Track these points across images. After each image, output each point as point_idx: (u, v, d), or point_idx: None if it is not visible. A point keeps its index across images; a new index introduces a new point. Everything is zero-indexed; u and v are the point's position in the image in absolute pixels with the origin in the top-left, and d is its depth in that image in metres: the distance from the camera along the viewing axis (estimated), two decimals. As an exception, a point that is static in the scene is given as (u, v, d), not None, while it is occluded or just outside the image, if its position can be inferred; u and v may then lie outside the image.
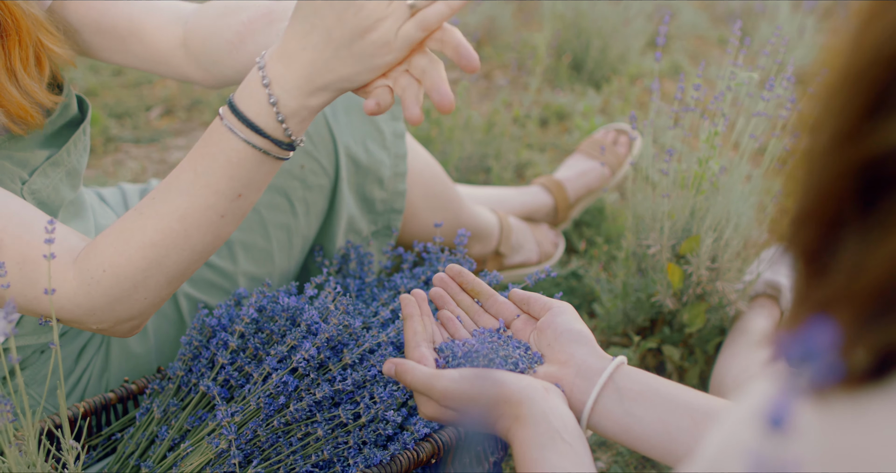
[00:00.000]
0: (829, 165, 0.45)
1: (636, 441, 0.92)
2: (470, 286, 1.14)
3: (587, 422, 0.95)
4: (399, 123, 1.60)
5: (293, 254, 1.51)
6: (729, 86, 1.58)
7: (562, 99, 2.83)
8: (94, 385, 1.39)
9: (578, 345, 0.99)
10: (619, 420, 0.92)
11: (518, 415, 0.90)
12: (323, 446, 1.16)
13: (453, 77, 3.03)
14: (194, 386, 1.24)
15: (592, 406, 0.94)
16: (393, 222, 1.62)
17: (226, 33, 1.25)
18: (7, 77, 1.14)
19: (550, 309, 1.05)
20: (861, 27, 0.45)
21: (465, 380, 0.94)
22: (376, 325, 1.28)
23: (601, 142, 2.16)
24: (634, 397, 0.92)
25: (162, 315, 1.43)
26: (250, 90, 1.00)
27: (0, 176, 1.17)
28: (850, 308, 0.44)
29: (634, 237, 1.71)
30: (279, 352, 1.19)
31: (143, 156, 2.57)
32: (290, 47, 0.97)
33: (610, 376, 0.94)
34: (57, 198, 1.26)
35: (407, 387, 1.00)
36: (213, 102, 2.83)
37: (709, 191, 1.59)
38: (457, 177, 2.34)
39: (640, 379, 0.94)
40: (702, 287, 1.60)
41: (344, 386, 1.16)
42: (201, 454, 1.15)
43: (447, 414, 0.97)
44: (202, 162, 1.03)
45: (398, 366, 0.99)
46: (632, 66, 3.09)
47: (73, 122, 1.32)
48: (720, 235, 1.58)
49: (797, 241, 0.48)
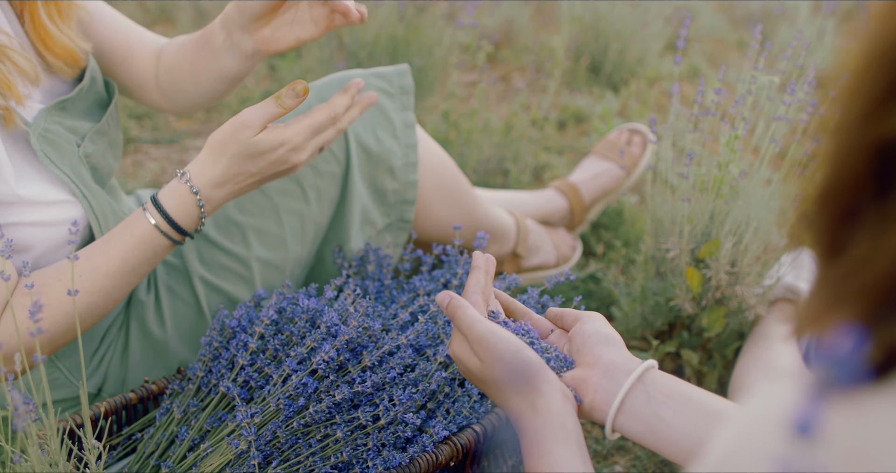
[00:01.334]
0: (847, 145, 0.46)
1: (663, 443, 0.91)
2: (506, 305, 1.14)
3: (613, 423, 0.94)
4: (409, 114, 1.61)
5: (306, 241, 1.52)
6: (749, 90, 1.57)
7: (580, 101, 2.82)
8: (116, 364, 1.41)
9: (605, 347, 0.99)
10: (647, 422, 0.92)
11: (535, 405, 0.91)
12: (342, 448, 1.16)
13: (472, 79, 3.03)
14: (214, 386, 1.25)
15: (619, 406, 0.93)
16: (405, 214, 1.62)
17: (184, 65, 1.45)
18: (50, 22, 1.29)
19: (581, 318, 1.06)
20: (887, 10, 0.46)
21: (502, 340, 0.96)
22: (395, 328, 1.28)
23: (616, 144, 2.15)
24: (664, 400, 0.92)
25: (178, 298, 1.45)
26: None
27: (57, 139, 1.26)
28: (860, 301, 0.44)
29: (653, 240, 1.70)
30: (299, 354, 1.19)
31: (162, 156, 2.59)
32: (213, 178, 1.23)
33: (639, 377, 0.94)
34: (106, 165, 1.38)
35: (452, 321, 1.02)
36: (231, 104, 2.84)
37: (728, 194, 1.58)
38: (475, 180, 2.34)
39: (670, 384, 0.94)
40: (721, 291, 1.60)
41: (363, 388, 1.16)
42: (221, 454, 1.15)
43: (470, 361, 0.99)
44: (132, 255, 1.24)
45: (453, 299, 1.03)
46: (650, 68, 3.08)
47: (103, 103, 1.42)
48: (740, 239, 1.58)
49: (817, 222, 0.49)
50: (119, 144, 1.43)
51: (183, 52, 1.45)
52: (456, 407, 1.20)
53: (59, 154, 1.25)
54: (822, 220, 0.48)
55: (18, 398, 0.87)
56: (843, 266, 0.46)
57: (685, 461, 0.90)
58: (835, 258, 0.47)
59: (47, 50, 1.30)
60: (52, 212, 1.23)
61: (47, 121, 1.26)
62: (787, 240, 1.64)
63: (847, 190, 0.46)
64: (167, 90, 1.50)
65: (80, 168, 1.28)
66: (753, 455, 0.45)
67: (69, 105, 1.31)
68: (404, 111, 1.61)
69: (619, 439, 1.53)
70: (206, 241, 1.46)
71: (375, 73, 1.61)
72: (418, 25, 2.57)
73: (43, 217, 1.22)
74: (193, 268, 1.45)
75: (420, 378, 1.19)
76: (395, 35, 2.54)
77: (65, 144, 1.27)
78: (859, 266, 0.44)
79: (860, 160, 0.46)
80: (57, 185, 1.24)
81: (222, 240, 1.47)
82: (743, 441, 0.47)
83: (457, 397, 1.22)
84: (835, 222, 0.47)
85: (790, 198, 1.68)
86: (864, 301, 0.44)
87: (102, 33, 1.45)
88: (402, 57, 2.52)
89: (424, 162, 1.65)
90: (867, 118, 0.45)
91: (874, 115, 0.45)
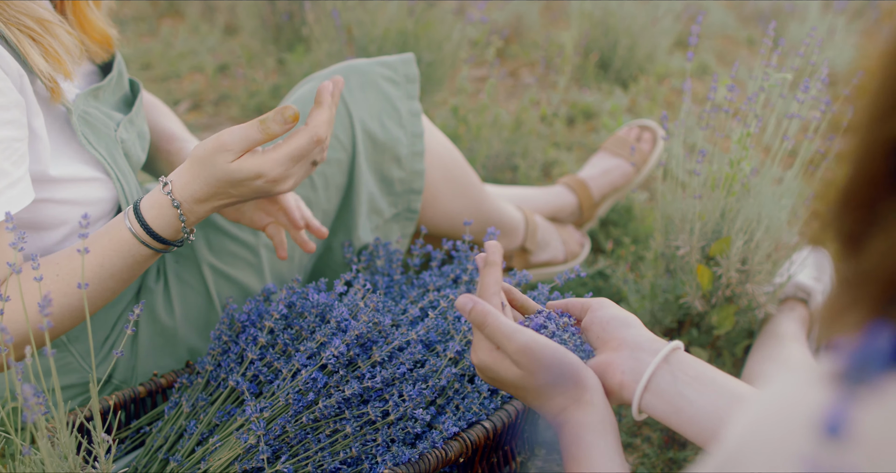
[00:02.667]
0: (865, 143, 0.46)
1: (686, 423, 0.92)
2: (519, 303, 1.13)
3: (640, 403, 0.95)
4: (415, 102, 1.61)
5: None
6: (762, 87, 1.57)
7: (589, 98, 2.81)
8: (126, 353, 1.41)
9: (627, 329, 1.00)
10: (672, 401, 0.93)
11: (580, 399, 0.92)
12: (351, 443, 1.16)
13: (481, 74, 3.02)
14: (223, 380, 1.25)
15: (646, 385, 0.94)
16: (413, 204, 1.62)
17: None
18: (86, 7, 1.30)
19: (590, 307, 1.05)
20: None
21: (548, 347, 0.94)
22: (405, 323, 1.27)
23: (625, 140, 2.14)
24: (688, 381, 0.93)
25: (186, 285, 1.45)
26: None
27: (95, 122, 1.27)
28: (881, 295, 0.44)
29: (663, 238, 1.70)
30: (308, 349, 1.19)
31: (170, 150, 2.58)
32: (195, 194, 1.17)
33: (664, 358, 0.95)
34: (135, 154, 1.37)
35: (479, 328, 0.97)
36: (240, 97, 2.84)
37: (740, 192, 1.58)
38: (484, 176, 2.33)
39: (695, 365, 0.94)
40: (731, 289, 1.59)
41: (373, 384, 1.16)
42: (230, 449, 1.15)
43: (508, 371, 0.96)
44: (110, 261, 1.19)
45: (478, 305, 0.97)
46: (659, 65, 3.07)
47: (127, 100, 1.42)
48: (751, 237, 1.57)
49: (837, 221, 0.48)
50: (146, 138, 1.43)
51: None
52: (465, 403, 1.20)
53: (97, 136, 1.26)
54: (841, 219, 0.48)
55: (29, 390, 0.87)
56: (862, 263, 0.46)
57: (705, 441, 0.91)
58: (854, 256, 0.47)
59: (84, 32, 1.31)
60: (84, 190, 1.24)
61: (86, 104, 1.27)
62: (801, 239, 1.63)
63: (865, 188, 0.46)
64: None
65: (116, 151, 1.30)
66: (769, 443, 0.45)
67: (101, 94, 1.32)
68: (410, 100, 1.61)
69: (626, 437, 1.53)
70: (214, 229, 1.46)
71: (380, 62, 1.61)
72: (428, 20, 2.56)
73: (76, 195, 1.24)
74: (202, 256, 1.45)
75: (430, 373, 1.19)
76: (404, 30, 2.53)
77: (102, 128, 1.29)
78: (878, 260, 0.44)
79: (878, 158, 0.46)
80: (92, 165, 1.25)
81: (231, 228, 1.46)
82: (759, 430, 0.47)
83: (466, 393, 1.21)
84: (854, 221, 0.47)
85: (802, 196, 1.67)
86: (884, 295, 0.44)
87: None
88: (412, 51, 2.52)
89: (431, 152, 1.65)
90: (885, 116, 0.45)
91: (891, 113, 0.45)
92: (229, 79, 3.04)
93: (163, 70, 3.05)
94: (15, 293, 1.13)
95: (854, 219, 0.47)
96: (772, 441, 0.45)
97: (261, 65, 3.04)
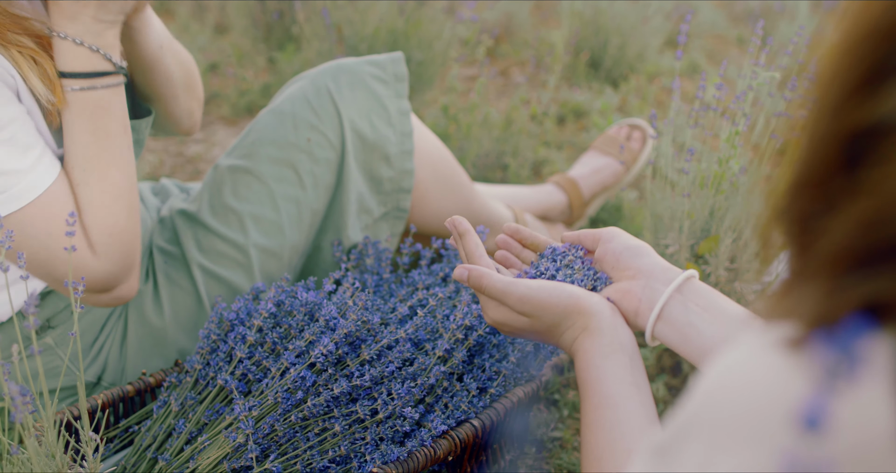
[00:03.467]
0: (820, 135, 0.47)
1: (694, 352, 0.94)
2: (530, 241, 1.15)
3: (653, 330, 0.97)
4: (404, 101, 1.61)
5: (303, 228, 1.52)
6: (751, 86, 1.57)
7: (579, 97, 2.82)
8: (115, 352, 1.41)
9: (640, 257, 1.02)
10: (681, 330, 0.95)
11: (587, 326, 0.95)
12: (340, 441, 1.16)
13: (471, 73, 3.02)
14: (212, 379, 1.24)
15: (659, 313, 0.96)
16: (402, 202, 1.62)
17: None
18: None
19: (601, 238, 1.07)
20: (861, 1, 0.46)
21: (543, 289, 0.98)
22: (394, 321, 1.27)
23: (616, 139, 2.15)
24: (699, 311, 0.94)
25: (176, 286, 1.44)
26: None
27: None
28: (827, 271, 0.45)
29: (652, 236, 1.70)
30: (297, 347, 1.18)
31: (160, 149, 2.58)
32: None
33: (678, 286, 0.96)
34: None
35: (479, 291, 1.03)
36: (230, 96, 2.84)
37: (728, 191, 1.58)
38: (474, 175, 2.33)
39: (707, 294, 0.96)
40: (720, 287, 1.60)
41: (362, 382, 1.16)
42: (218, 447, 1.15)
43: (517, 321, 1.00)
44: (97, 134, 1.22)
45: (472, 272, 1.02)
46: (649, 64, 3.08)
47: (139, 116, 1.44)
48: (739, 236, 1.58)
49: (791, 210, 0.49)
50: (141, 144, 1.42)
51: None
52: (454, 402, 1.20)
53: None
54: (793, 212, 0.49)
55: (16, 389, 0.87)
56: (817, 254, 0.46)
57: None
58: (808, 249, 0.47)
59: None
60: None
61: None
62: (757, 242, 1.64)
63: (819, 180, 0.47)
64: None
65: None
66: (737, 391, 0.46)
67: None
68: (399, 98, 1.61)
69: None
70: (203, 228, 1.46)
71: (369, 61, 1.60)
72: (418, 19, 2.56)
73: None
74: (192, 256, 1.45)
75: (419, 372, 1.19)
76: (394, 28, 2.53)
77: None
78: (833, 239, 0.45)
79: (832, 150, 0.46)
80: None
81: (220, 227, 1.46)
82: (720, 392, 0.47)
83: (455, 391, 1.21)
84: (806, 214, 0.48)
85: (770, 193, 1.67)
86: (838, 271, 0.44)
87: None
88: (402, 50, 2.52)
89: (420, 151, 1.65)
90: (838, 109, 0.46)
91: (846, 105, 0.45)
92: (219, 78, 3.04)
93: (153, 69, 3.04)
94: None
95: (806, 215, 0.48)
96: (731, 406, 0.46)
97: (251, 64, 3.03)
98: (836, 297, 0.44)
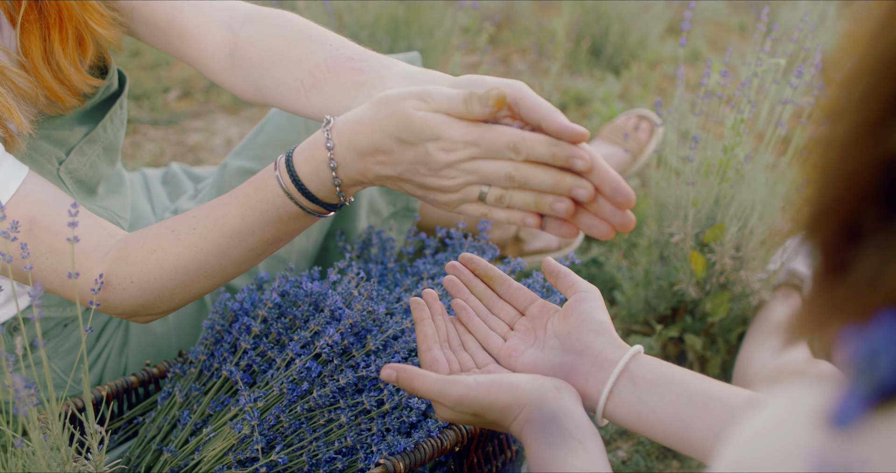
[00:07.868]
0: (850, 158, 0.43)
1: (650, 429, 0.92)
2: (483, 272, 1.12)
3: (603, 412, 0.94)
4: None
5: (311, 233, 1.51)
6: (755, 73, 1.56)
7: (581, 84, 2.81)
8: (114, 361, 1.40)
9: (597, 335, 0.98)
10: (633, 409, 0.92)
11: (529, 418, 0.91)
12: (346, 433, 1.15)
13: (473, 61, 3.01)
14: (216, 370, 1.24)
15: (608, 396, 0.93)
16: (411, 203, 1.61)
17: (295, 71, 1.17)
18: (43, 59, 1.14)
19: (577, 293, 1.03)
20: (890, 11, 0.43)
21: (481, 387, 0.93)
22: (399, 311, 1.27)
23: (623, 128, 2.14)
24: (648, 385, 0.92)
25: None
26: (311, 152, 0.98)
27: (37, 157, 1.20)
28: (866, 316, 0.42)
29: (657, 224, 1.69)
30: (302, 338, 1.18)
31: (161, 137, 2.57)
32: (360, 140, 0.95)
33: (626, 365, 0.94)
34: (95, 174, 1.29)
35: (413, 394, 0.96)
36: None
37: (733, 178, 1.57)
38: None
39: (655, 368, 0.93)
40: (725, 276, 1.59)
41: (368, 373, 1.15)
42: (224, 439, 1.14)
43: (462, 418, 0.97)
44: (251, 214, 1.03)
45: (400, 372, 0.95)
46: (651, 51, 3.06)
47: (112, 97, 1.33)
48: (745, 223, 1.57)
49: (817, 234, 0.47)
50: (116, 146, 1.34)
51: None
52: (460, 392, 1.20)
53: (41, 172, 1.19)
54: (821, 237, 0.46)
55: (20, 382, 0.86)
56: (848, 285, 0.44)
57: (674, 444, 0.90)
58: (837, 275, 0.45)
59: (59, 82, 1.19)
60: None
61: (34, 133, 1.18)
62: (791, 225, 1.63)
63: (851, 207, 0.44)
64: (253, 77, 1.24)
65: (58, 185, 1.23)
66: (777, 451, 0.44)
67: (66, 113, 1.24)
68: None
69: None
70: None
71: None
72: (419, 6, 2.54)
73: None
74: None
75: (425, 362, 1.18)
76: (396, 16, 2.52)
77: (45, 163, 1.21)
78: (866, 285, 0.42)
79: (863, 178, 0.43)
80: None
81: None
82: (766, 437, 0.46)
83: (461, 382, 1.21)
84: (837, 240, 0.45)
85: (795, 182, 1.66)
86: (870, 315, 0.42)
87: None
88: (403, 38, 2.50)
89: None
90: (869, 132, 0.43)
91: (877, 129, 0.42)
92: (219, 67, 3.02)
93: (152, 57, 3.03)
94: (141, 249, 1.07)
95: (837, 241, 0.45)
96: (782, 441, 0.44)
97: (251, 52, 3.01)
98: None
